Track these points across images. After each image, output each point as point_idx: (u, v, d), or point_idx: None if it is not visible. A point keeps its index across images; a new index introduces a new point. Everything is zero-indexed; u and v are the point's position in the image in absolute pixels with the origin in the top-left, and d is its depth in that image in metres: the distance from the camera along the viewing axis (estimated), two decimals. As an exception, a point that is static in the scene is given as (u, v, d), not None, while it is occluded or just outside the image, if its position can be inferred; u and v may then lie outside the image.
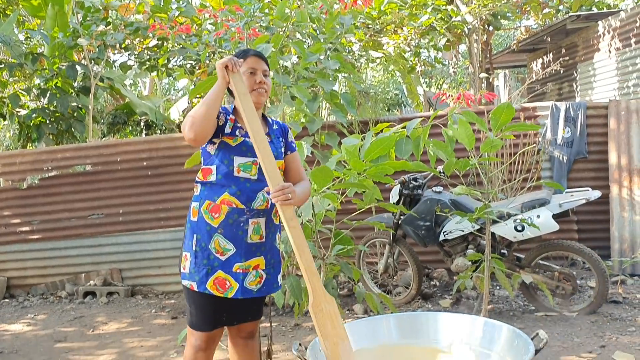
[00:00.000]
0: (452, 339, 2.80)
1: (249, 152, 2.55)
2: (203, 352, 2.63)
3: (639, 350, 3.85)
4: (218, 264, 2.52)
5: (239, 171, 2.54)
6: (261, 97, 2.64)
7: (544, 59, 12.16)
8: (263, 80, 2.63)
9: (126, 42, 8.50)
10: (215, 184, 2.54)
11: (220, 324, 2.63)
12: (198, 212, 2.56)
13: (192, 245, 2.55)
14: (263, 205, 2.58)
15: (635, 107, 6.18)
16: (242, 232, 2.54)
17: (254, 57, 2.64)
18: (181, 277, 2.62)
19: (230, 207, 2.52)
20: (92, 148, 6.69)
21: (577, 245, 4.69)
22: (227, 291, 2.52)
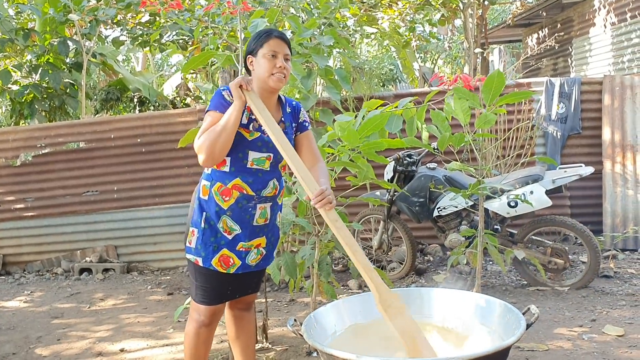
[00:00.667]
0: (445, 314, 2.84)
1: (264, 147, 2.53)
2: (206, 327, 2.66)
3: (629, 323, 3.91)
4: (225, 242, 2.54)
5: (252, 164, 2.52)
6: (280, 83, 2.53)
7: (539, 34, 12.11)
8: (284, 64, 2.52)
9: (118, 18, 8.41)
10: (227, 172, 2.53)
11: (226, 297, 2.66)
12: (209, 192, 2.55)
13: (200, 222, 2.55)
14: (272, 192, 2.60)
15: (629, 83, 6.18)
16: (250, 216, 2.56)
17: (277, 40, 2.52)
18: (186, 251, 2.62)
19: (241, 192, 2.52)
20: (85, 125, 6.66)
21: (570, 220, 4.73)
22: (230, 268, 2.56)
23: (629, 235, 5.86)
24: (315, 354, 3.57)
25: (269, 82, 2.52)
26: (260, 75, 2.52)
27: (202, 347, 2.68)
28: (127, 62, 17.94)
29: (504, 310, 2.57)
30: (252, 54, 2.56)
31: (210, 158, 2.39)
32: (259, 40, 2.54)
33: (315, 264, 3.48)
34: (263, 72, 2.51)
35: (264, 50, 2.51)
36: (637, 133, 6.07)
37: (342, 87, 5.19)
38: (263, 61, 2.51)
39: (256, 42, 2.54)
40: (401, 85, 14.80)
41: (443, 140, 3.38)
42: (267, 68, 2.50)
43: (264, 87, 2.54)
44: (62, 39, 8.02)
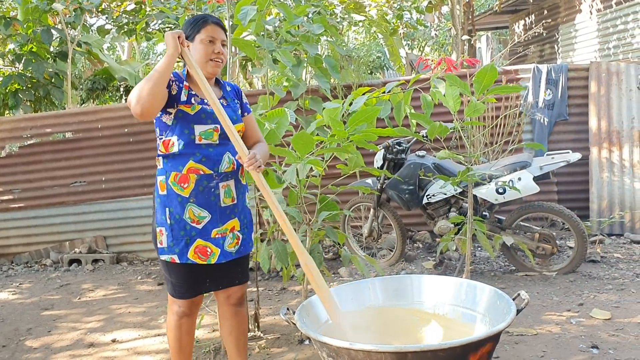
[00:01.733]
0: (436, 301, 2.87)
1: (209, 119, 2.52)
2: (187, 317, 2.66)
3: (615, 307, 3.97)
4: (195, 233, 2.51)
5: (200, 139, 2.50)
6: (217, 68, 2.58)
7: (526, 21, 12.14)
8: (221, 50, 2.56)
9: (103, 6, 8.32)
10: (177, 154, 2.49)
11: (204, 290, 2.65)
12: (166, 185, 2.52)
13: (165, 219, 2.51)
14: (230, 167, 2.57)
15: (615, 69, 6.22)
16: (214, 197, 2.53)
17: (214, 26, 2.55)
18: (159, 253, 2.58)
19: (198, 174, 2.49)
20: (72, 115, 6.60)
21: (557, 206, 4.78)
22: (210, 257, 2.54)
23: (615, 221, 5.93)
24: (307, 342, 3.59)
25: (207, 68, 2.54)
26: (197, 59, 2.52)
27: (185, 338, 2.68)
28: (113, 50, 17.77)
29: (494, 296, 2.60)
30: (188, 39, 2.54)
31: (139, 105, 2.32)
32: (195, 25, 2.54)
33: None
34: (200, 57, 2.52)
35: (202, 35, 2.53)
36: (623, 119, 6.12)
37: (332, 75, 5.18)
38: (201, 46, 2.52)
39: (193, 27, 2.54)
40: (389, 72, 14.78)
41: (432, 130, 3.40)
42: (204, 53, 2.52)
43: (202, 72, 2.53)
44: (45, 28, 7.91)
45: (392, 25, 9.94)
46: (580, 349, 3.28)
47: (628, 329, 3.54)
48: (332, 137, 3.14)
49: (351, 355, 2.13)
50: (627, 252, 5.42)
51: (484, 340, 2.15)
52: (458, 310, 2.79)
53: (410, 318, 2.86)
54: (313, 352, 3.41)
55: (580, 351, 3.26)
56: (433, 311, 2.85)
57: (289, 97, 5.66)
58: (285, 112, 3.28)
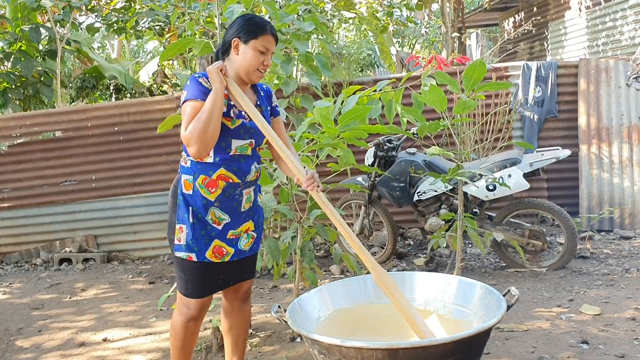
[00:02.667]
0: (427, 297, 2.89)
1: (247, 134, 2.51)
2: (194, 321, 2.63)
3: (605, 303, 4.00)
4: (215, 233, 2.52)
5: (235, 152, 2.50)
6: (259, 79, 2.54)
7: (516, 18, 12.17)
8: (269, 63, 2.51)
9: (92, 4, 8.27)
10: (211, 163, 2.49)
11: (217, 287, 2.65)
12: (192, 185, 2.50)
13: (188, 217, 2.50)
14: (254, 176, 2.61)
15: (604, 66, 6.26)
16: (237, 203, 2.56)
17: (271, 37, 2.49)
18: (174, 249, 2.55)
19: (227, 182, 2.50)
20: (62, 114, 6.56)
21: (547, 203, 4.81)
22: (224, 257, 2.56)
23: (604, 217, 5.97)
24: (299, 340, 3.60)
25: (251, 76, 2.50)
26: (244, 65, 2.47)
27: (189, 340, 2.66)
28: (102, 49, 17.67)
29: (484, 292, 2.62)
30: (240, 39, 2.47)
31: (203, 148, 2.34)
32: (255, 30, 2.46)
33: (297, 250, 3.50)
34: (249, 64, 2.46)
35: (258, 43, 2.45)
36: (612, 116, 6.16)
37: (322, 73, 5.18)
38: (253, 53, 2.45)
39: (250, 31, 2.45)
40: (379, 70, 14.79)
41: (423, 127, 3.41)
42: (254, 62, 2.46)
43: (242, 76, 2.50)
44: (34, 26, 7.86)
45: (383, 23, 9.94)
46: (570, 344, 3.31)
47: (617, 324, 3.57)
48: (323, 134, 3.15)
49: (342, 353, 2.14)
50: (617, 247, 5.46)
51: (475, 337, 2.16)
52: (449, 306, 2.80)
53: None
54: (305, 350, 3.42)
55: (570, 346, 3.28)
56: (424, 308, 2.87)
57: (279, 95, 5.66)
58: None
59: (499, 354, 3.24)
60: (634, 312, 3.76)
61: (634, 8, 8.76)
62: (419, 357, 2.09)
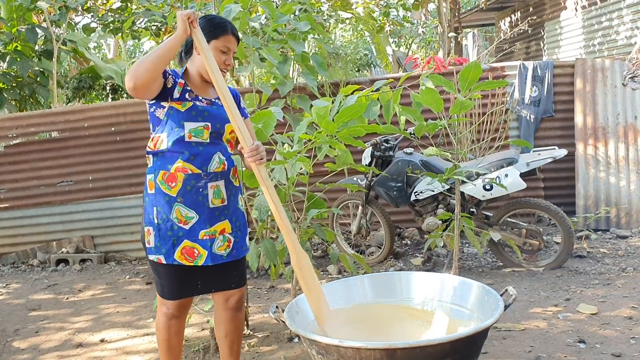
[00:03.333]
0: (424, 297, 2.89)
1: (200, 116, 2.48)
2: (176, 319, 2.63)
3: (602, 302, 4.01)
4: (183, 233, 2.47)
5: (190, 137, 2.46)
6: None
7: (512, 18, 12.21)
8: (231, 62, 2.53)
9: (88, 4, 8.25)
10: (166, 152, 2.46)
11: (195, 291, 2.61)
12: (154, 183, 2.49)
13: (153, 218, 2.48)
14: (220, 167, 2.53)
15: (600, 66, 6.28)
16: (202, 197, 2.48)
17: (232, 37, 2.52)
18: (147, 252, 2.55)
19: (186, 173, 2.45)
20: (58, 114, 6.55)
21: (544, 202, 4.82)
22: (197, 259, 2.49)
23: (601, 216, 5.99)
24: (296, 340, 3.60)
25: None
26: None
27: (174, 339, 2.66)
28: (99, 49, 17.64)
29: (482, 292, 2.62)
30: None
31: (132, 79, 2.27)
32: (215, 30, 2.49)
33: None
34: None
35: (219, 43, 2.48)
36: (609, 115, 6.18)
37: (319, 73, 5.19)
38: (214, 53, 2.46)
39: (211, 31, 2.48)
40: (376, 70, 14.80)
41: (420, 127, 3.42)
42: (216, 61, 2.46)
43: (204, 76, 2.51)
44: (30, 26, 7.85)
45: (379, 23, 9.95)
46: (567, 344, 3.32)
47: (614, 323, 3.58)
48: (320, 133, 3.15)
49: (340, 353, 2.14)
50: (613, 247, 5.48)
51: (473, 336, 2.17)
52: (446, 306, 2.81)
53: (399, 315, 2.88)
54: (302, 350, 3.42)
55: (567, 346, 3.29)
56: (422, 308, 2.87)
57: (276, 95, 5.66)
58: (272, 113, 3.29)
59: (496, 353, 3.25)
60: (631, 311, 3.78)
61: (630, 8, 8.78)
62: (416, 357, 2.09)
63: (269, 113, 3.27)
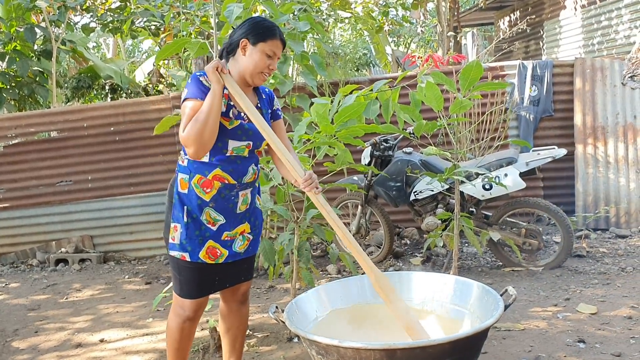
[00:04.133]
0: (424, 297, 2.89)
1: (244, 135, 2.48)
2: (190, 322, 2.61)
3: (601, 301, 4.01)
4: (210, 234, 2.50)
5: (232, 153, 2.48)
6: (262, 82, 2.53)
7: (511, 17, 12.21)
8: (275, 67, 2.50)
9: (87, 4, 8.24)
10: (207, 162, 2.47)
11: (213, 288, 2.62)
12: (188, 185, 2.49)
13: (182, 216, 2.49)
14: (252, 178, 2.58)
15: (600, 65, 6.28)
16: (233, 204, 2.52)
17: (279, 42, 2.48)
18: (169, 248, 2.55)
19: (223, 182, 2.47)
20: (57, 114, 6.54)
21: (543, 202, 4.82)
22: (218, 258, 2.53)
23: (600, 215, 5.99)
24: (296, 340, 3.60)
25: (255, 79, 2.48)
26: (250, 67, 2.45)
27: (185, 341, 2.65)
28: (98, 49, 17.63)
29: (482, 292, 2.62)
30: (249, 40, 2.45)
31: (200, 148, 2.33)
32: (264, 33, 2.45)
33: (294, 250, 3.49)
34: (254, 66, 2.45)
35: (266, 46, 2.44)
36: (608, 115, 6.18)
37: (318, 72, 5.19)
38: (259, 56, 2.44)
39: (260, 33, 2.44)
40: (375, 69, 14.79)
41: (419, 127, 3.41)
42: (260, 65, 2.45)
43: (246, 78, 2.48)
44: (29, 26, 7.84)
45: (378, 22, 9.94)
46: (567, 344, 3.32)
47: (614, 323, 3.58)
48: (319, 133, 3.15)
49: (340, 353, 2.14)
50: (613, 246, 5.48)
51: (473, 337, 2.17)
52: (446, 306, 2.80)
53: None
54: (302, 350, 3.42)
55: (567, 346, 3.29)
56: (421, 308, 2.87)
57: (275, 94, 5.64)
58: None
59: (496, 353, 3.25)
60: (630, 310, 3.78)
61: (629, 7, 8.78)
62: (416, 357, 2.09)
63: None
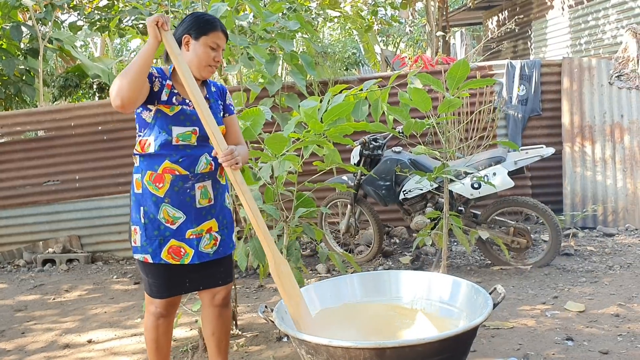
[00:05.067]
0: (413, 296, 2.90)
1: (187, 121, 2.49)
2: (165, 318, 2.63)
3: (589, 299, 4.04)
4: (170, 233, 2.48)
5: (177, 141, 2.46)
6: (210, 74, 2.57)
7: (500, 17, 12.27)
8: (220, 59, 2.54)
9: (75, 2, 8.18)
10: (154, 154, 2.46)
11: (183, 290, 2.61)
12: (141, 183, 2.49)
13: (140, 218, 2.49)
14: (207, 168, 2.54)
15: (587, 65, 6.32)
16: (190, 198, 2.50)
17: (221, 33, 2.52)
18: (133, 251, 2.56)
19: (173, 174, 2.46)
20: (44, 113, 6.49)
21: (531, 200, 4.85)
22: (183, 258, 2.50)
23: (588, 214, 6.03)
24: (285, 339, 3.59)
25: (202, 72, 2.52)
26: (195, 61, 2.49)
27: (162, 338, 2.66)
28: (85, 47, 17.51)
29: (471, 291, 2.63)
30: (191, 36, 2.49)
31: (119, 97, 2.28)
32: (205, 26, 2.49)
33: (284, 249, 3.49)
34: (200, 60, 2.49)
35: (208, 39, 2.49)
36: (595, 114, 6.22)
37: (307, 72, 5.18)
38: (203, 50, 2.48)
39: (200, 27, 2.49)
40: (364, 69, 14.81)
41: (408, 126, 3.42)
42: (205, 58, 2.49)
43: (193, 72, 2.49)
44: (15, 24, 7.76)
45: (367, 22, 9.95)
46: (555, 341, 3.33)
47: (602, 321, 3.61)
48: (308, 132, 3.14)
49: (330, 352, 2.14)
50: (600, 245, 5.52)
51: (462, 335, 2.17)
52: (435, 305, 2.81)
53: (388, 313, 2.88)
54: (292, 350, 3.41)
55: (555, 343, 3.31)
56: (411, 306, 2.87)
57: (265, 94, 5.64)
58: (261, 111, 3.27)
59: (485, 351, 3.26)
60: (618, 308, 3.81)
61: (616, 7, 8.85)
62: (406, 356, 2.09)
63: (257, 111, 3.26)
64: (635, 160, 6.06)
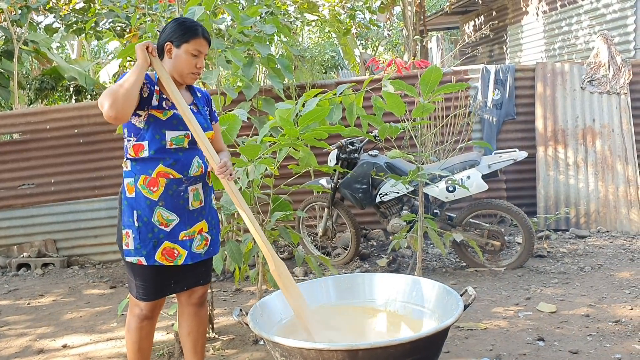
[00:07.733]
0: (387, 298, 2.94)
1: (180, 125, 2.51)
2: (149, 320, 2.65)
3: (561, 300, 4.12)
4: (163, 235, 2.52)
5: (171, 145, 2.50)
6: (194, 80, 2.61)
7: (476, 21, 12.41)
8: (203, 65, 2.56)
9: (50, 4, 8.11)
10: (147, 158, 2.49)
11: (168, 291, 2.64)
12: (134, 187, 2.51)
13: (133, 221, 2.51)
14: (199, 171, 2.59)
15: (560, 70, 6.44)
16: (183, 200, 2.54)
17: (203, 40, 2.53)
18: (124, 255, 2.57)
19: (168, 178, 2.50)
20: (19, 116, 6.41)
21: (505, 203, 4.92)
22: (177, 259, 2.55)
23: (560, 217, 6.13)
24: (262, 342, 3.61)
25: (185, 79, 2.56)
26: (178, 68, 2.52)
27: (145, 341, 2.67)
28: (62, 49, 17.33)
29: (442, 293, 2.67)
30: (172, 43, 2.51)
31: (112, 110, 2.29)
32: (186, 33, 2.50)
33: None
34: (183, 67, 2.52)
35: (190, 46, 2.50)
36: (568, 118, 6.34)
37: (285, 76, 5.20)
38: (186, 57, 2.51)
39: (182, 35, 2.50)
40: (343, 72, 14.88)
41: (383, 130, 3.46)
42: (187, 65, 2.52)
43: (176, 79, 2.54)
44: (-11, 26, 7.70)
45: (345, 25, 10.01)
46: (527, 342, 3.40)
47: (572, 321, 3.68)
48: (283, 136, 3.16)
49: (303, 355, 2.16)
50: (572, 246, 5.62)
51: (433, 336, 2.21)
52: (408, 306, 2.85)
53: (362, 315, 2.91)
54: (267, 353, 3.43)
55: (527, 344, 3.37)
56: (385, 308, 2.91)
57: (241, 98, 5.65)
58: (237, 117, 3.30)
59: (458, 352, 3.31)
60: (588, 309, 3.89)
61: (588, 13, 9.01)
62: (378, 357, 2.12)
63: (233, 117, 3.28)
64: (607, 164, 6.18)
